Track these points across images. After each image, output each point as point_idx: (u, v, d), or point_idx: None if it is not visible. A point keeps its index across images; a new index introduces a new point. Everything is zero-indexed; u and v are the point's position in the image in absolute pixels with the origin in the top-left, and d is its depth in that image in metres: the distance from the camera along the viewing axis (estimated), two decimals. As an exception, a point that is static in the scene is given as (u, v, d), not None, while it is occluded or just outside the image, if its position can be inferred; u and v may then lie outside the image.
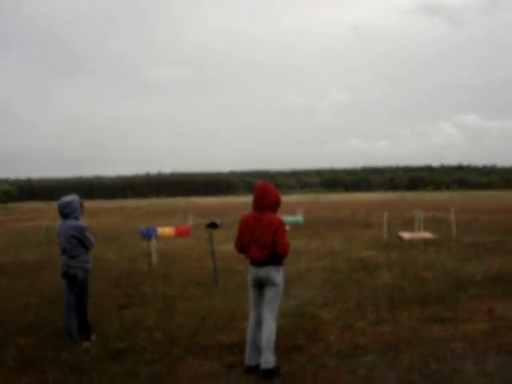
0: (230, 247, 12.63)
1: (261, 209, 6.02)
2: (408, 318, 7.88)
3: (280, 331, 6.45)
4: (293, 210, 32.77)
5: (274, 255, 5.94)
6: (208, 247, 14.01)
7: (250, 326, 6.10)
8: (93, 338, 7.27)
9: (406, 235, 19.75)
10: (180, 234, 23.73)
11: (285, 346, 6.54)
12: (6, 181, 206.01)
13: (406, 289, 9.86)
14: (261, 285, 6.01)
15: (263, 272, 5.94)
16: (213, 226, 17.33)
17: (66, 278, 7.38)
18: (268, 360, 5.75)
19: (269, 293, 5.97)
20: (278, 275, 5.98)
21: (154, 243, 14.48)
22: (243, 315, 8.12)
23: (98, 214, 43.79)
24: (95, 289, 7.73)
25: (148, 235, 16.90)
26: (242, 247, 6.12)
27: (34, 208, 79.89)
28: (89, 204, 8.09)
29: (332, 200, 79.92)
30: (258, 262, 5.97)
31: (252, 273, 6.05)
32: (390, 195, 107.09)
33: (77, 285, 7.32)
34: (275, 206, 6.10)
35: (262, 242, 5.91)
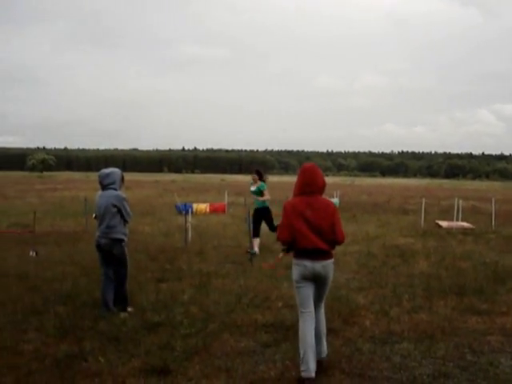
0: (265, 226, 12.64)
1: (310, 193, 5.32)
2: (444, 307, 7.79)
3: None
4: (329, 193, 32.59)
5: (334, 244, 5.33)
6: (244, 225, 14.08)
7: (305, 330, 5.26)
8: (129, 309, 7.36)
9: (443, 223, 19.44)
10: (215, 210, 23.81)
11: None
12: (44, 149, 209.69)
13: (443, 278, 9.74)
14: (315, 280, 5.30)
15: (321, 267, 5.22)
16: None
17: (101, 251, 7.44)
18: (325, 349, 5.48)
19: (323, 289, 5.41)
20: (333, 270, 5.40)
21: (189, 219, 14.53)
22: (278, 295, 8.17)
23: (132, 187, 44.18)
24: (132, 262, 7.84)
25: (184, 210, 16.95)
26: (291, 237, 5.26)
27: (71, 178, 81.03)
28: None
29: (368, 184, 79.27)
30: (315, 254, 5.20)
31: (306, 267, 5.21)
32: (427, 182, 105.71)
33: (115, 258, 7.39)
34: (324, 189, 5.44)
35: (320, 229, 5.20)
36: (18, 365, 5.44)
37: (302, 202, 5.30)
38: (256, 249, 11.97)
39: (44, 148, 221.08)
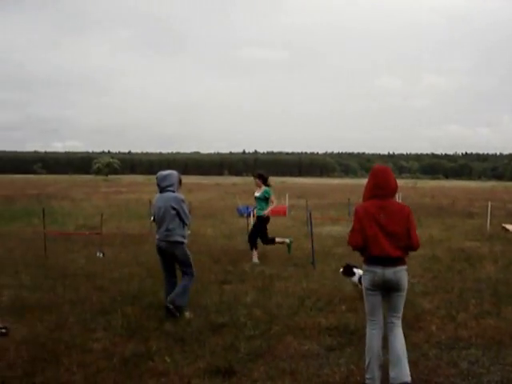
0: (327, 229, 12.60)
1: (383, 196, 5.07)
2: (513, 313, 7.57)
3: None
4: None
5: (408, 250, 5.12)
6: (305, 228, 14.06)
7: (372, 338, 5.13)
8: (187, 313, 7.26)
9: (510, 227, 18.88)
10: (276, 213, 23.79)
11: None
12: (109, 152, 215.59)
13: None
14: (385, 288, 5.09)
15: (392, 274, 4.99)
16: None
17: (162, 254, 7.51)
18: (408, 372, 4.99)
19: (397, 298, 5.12)
20: (406, 278, 5.15)
21: (251, 222, 14.61)
22: (342, 299, 8.13)
23: (194, 190, 44.70)
24: (195, 263, 7.92)
25: (245, 213, 17.06)
26: (363, 242, 5.03)
27: (134, 181, 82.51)
28: (185, 179, 8.29)
29: (431, 186, 77.64)
30: (386, 261, 4.98)
31: (376, 274, 5.01)
32: (492, 184, 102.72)
33: (178, 260, 7.48)
34: (396, 191, 5.21)
35: (394, 235, 4.98)
36: (87, 363, 5.61)
37: (375, 205, 5.06)
38: (255, 260, 11.70)
39: (109, 152, 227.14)
